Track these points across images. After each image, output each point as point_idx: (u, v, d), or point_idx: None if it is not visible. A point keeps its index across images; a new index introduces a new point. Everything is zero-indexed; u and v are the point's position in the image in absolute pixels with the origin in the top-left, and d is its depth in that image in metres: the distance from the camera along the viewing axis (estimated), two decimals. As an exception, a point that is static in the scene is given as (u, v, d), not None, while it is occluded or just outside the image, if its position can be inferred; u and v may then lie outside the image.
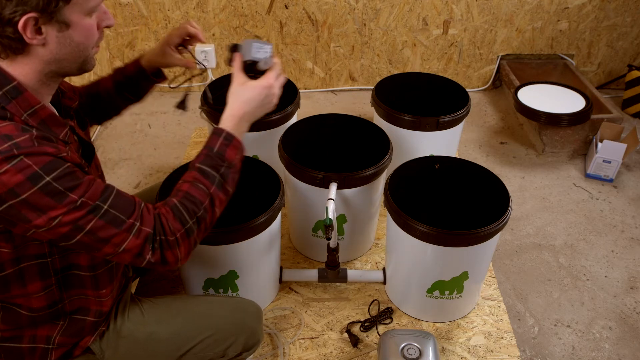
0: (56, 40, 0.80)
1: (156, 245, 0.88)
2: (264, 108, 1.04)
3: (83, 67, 0.88)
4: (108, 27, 0.88)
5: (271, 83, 1.03)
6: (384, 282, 1.54)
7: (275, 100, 1.05)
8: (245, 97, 1.01)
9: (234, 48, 1.06)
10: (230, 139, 0.99)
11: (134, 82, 1.23)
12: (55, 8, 0.77)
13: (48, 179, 0.76)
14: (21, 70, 0.82)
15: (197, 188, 0.94)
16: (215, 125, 1.13)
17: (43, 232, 0.80)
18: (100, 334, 1.04)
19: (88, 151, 0.98)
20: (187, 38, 1.20)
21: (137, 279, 1.55)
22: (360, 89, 2.64)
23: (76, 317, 0.98)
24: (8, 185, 0.74)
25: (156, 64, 1.22)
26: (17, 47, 0.79)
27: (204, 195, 0.94)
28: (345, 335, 1.42)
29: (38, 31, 0.78)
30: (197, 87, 2.60)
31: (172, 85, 1.25)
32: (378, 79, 2.02)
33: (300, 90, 1.91)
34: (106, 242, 0.84)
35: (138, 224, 0.86)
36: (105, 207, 0.83)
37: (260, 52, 1.05)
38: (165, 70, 1.26)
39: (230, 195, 1.00)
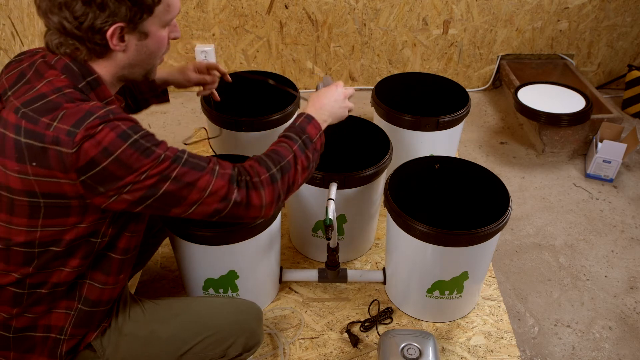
0: (135, 48, 0.90)
1: (241, 184, 0.95)
2: (337, 105, 1.19)
3: (148, 75, 0.98)
4: (175, 38, 0.98)
5: (333, 88, 1.21)
6: (384, 282, 1.54)
7: (347, 104, 1.22)
8: (319, 95, 1.19)
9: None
10: (310, 119, 1.12)
11: (139, 91, 1.31)
12: (140, 19, 0.87)
13: (136, 136, 0.84)
14: (99, 70, 0.91)
15: (281, 146, 1.05)
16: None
17: (130, 190, 0.85)
18: (102, 330, 1.04)
19: None
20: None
21: (140, 272, 1.55)
22: (360, 89, 2.64)
23: (86, 309, 0.99)
24: (103, 144, 0.81)
25: (171, 81, 1.38)
26: (101, 52, 0.89)
27: (287, 151, 1.04)
28: (345, 335, 1.42)
29: (121, 39, 0.87)
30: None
31: (186, 142, 1.36)
32: (378, 79, 2.02)
33: (300, 90, 1.91)
34: (192, 186, 0.90)
35: (218, 167, 0.94)
36: (185, 156, 0.91)
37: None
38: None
39: (311, 167, 1.09)
